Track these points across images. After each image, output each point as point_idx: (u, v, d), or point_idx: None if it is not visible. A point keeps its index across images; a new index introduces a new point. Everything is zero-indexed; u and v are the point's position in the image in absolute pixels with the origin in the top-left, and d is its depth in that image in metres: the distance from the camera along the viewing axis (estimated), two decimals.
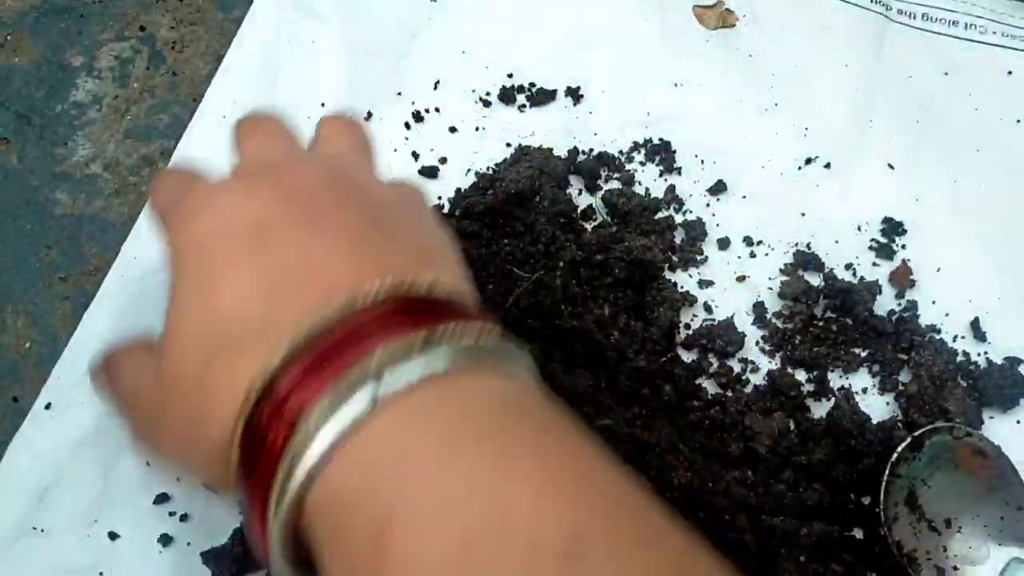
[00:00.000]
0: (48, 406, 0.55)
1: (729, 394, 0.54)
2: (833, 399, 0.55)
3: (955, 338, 0.58)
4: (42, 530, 0.51)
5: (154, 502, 0.52)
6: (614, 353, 0.52)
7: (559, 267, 0.55)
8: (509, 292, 0.53)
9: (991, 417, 0.54)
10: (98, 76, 0.75)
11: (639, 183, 0.64)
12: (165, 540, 0.51)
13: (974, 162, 0.64)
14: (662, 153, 0.65)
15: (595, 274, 0.56)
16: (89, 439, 0.54)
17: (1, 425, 0.55)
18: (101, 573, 0.50)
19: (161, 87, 0.73)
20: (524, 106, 0.69)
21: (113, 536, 0.51)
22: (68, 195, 0.68)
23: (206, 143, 0.67)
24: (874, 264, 0.61)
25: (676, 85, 0.69)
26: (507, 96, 0.69)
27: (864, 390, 0.56)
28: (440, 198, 0.64)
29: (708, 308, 0.59)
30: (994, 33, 0.70)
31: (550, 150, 0.64)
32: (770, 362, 0.57)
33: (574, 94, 0.69)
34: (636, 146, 0.66)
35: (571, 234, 0.59)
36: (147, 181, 0.67)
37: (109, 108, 0.73)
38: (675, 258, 0.61)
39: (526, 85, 0.69)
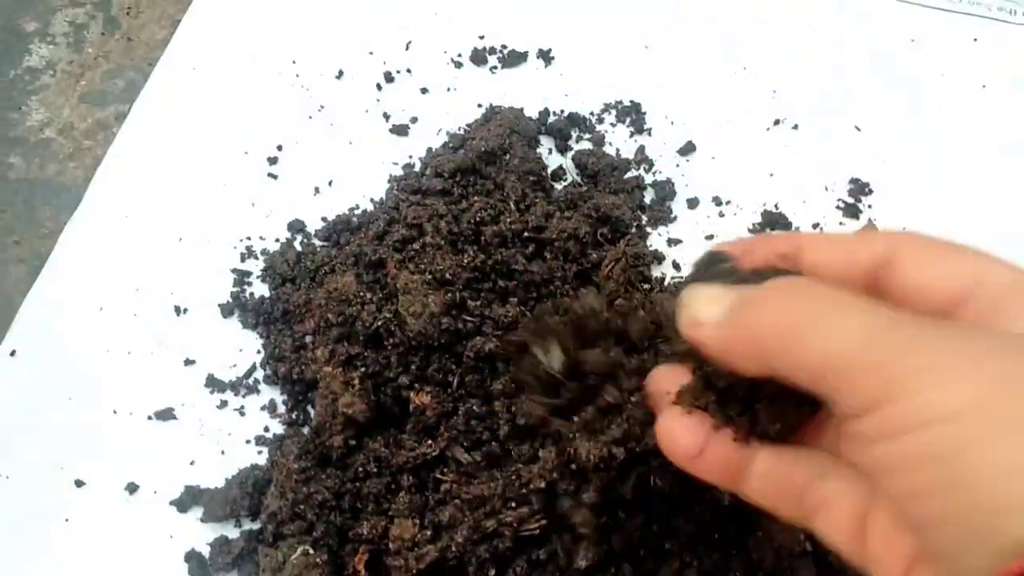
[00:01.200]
0: (13, 353, 0.54)
1: None
2: None
3: None
4: (7, 476, 0.50)
5: (120, 450, 0.51)
6: None
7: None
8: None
9: None
10: (52, 42, 0.73)
11: (609, 144, 0.64)
12: (132, 488, 0.50)
13: (940, 125, 0.65)
14: (632, 114, 0.65)
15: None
16: (54, 388, 0.53)
17: None
18: (67, 519, 0.49)
19: (116, 52, 0.72)
20: (495, 67, 0.68)
21: (79, 483, 0.50)
22: (22, 159, 0.66)
23: (162, 107, 0.65)
24: (840, 223, 0.61)
25: (646, 48, 0.68)
26: (478, 58, 0.68)
27: None
28: (411, 157, 0.63)
29: (677, 266, 0.59)
30: (960, 1, 0.71)
31: (521, 110, 0.63)
32: None
33: (545, 56, 0.68)
34: (607, 107, 0.66)
35: (540, 192, 0.59)
36: (102, 145, 0.65)
37: (63, 73, 0.70)
38: (644, 217, 0.61)
39: (497, 47, 0.69)
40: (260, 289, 0.58)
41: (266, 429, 0.53)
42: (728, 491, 0.32)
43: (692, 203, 0.62)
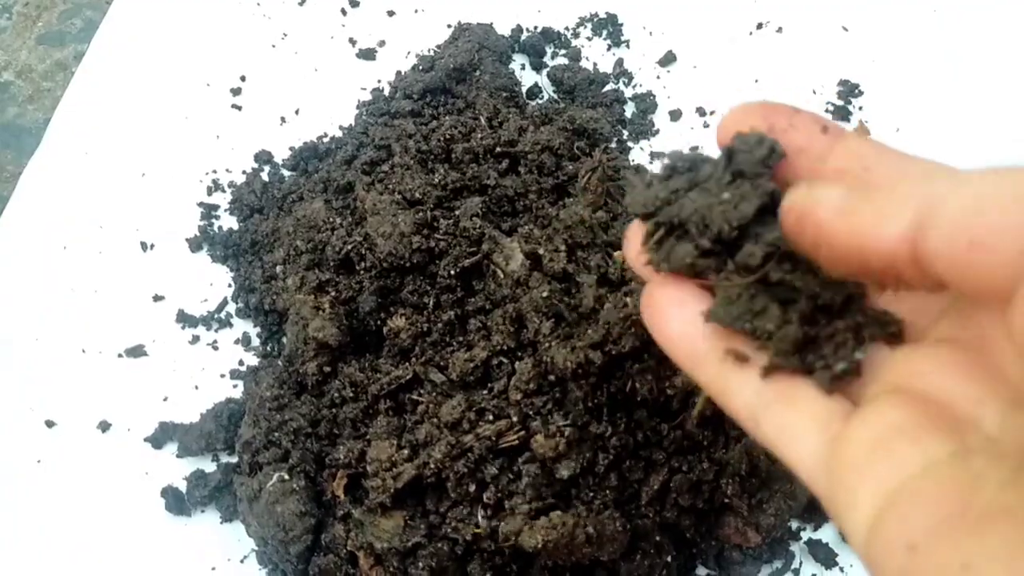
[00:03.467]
0: None
1: None
2: None
3: None
4: None
5: (91, 389, 0.49)
6: None
7: None
8: None
9: None
10: None
11: (586, 59, 0.61)
12: (104, 426, 0.48)
13: (931, 21, 0.62)
14: (609, 27, 0.62)
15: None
16: (20, 329, 0.51)
17: None
18: (39, 461, 0.47)
19: None
20: None
21: (49, 424, 0.48)
22: None
23: (120, 44, 0.63)
24: None
25: None
26: None
27: None
28: (380, 81, 0.61)
29: None
30: None
31: (490, 24, 0.60)
32: None
33: None
34: (582, 21, 0.63)
35: (514, 108, 0.56)
36: (61, 86, 0.63)
37: (20, 16, 0.68)
38: (625, 132, 0.58)
39: None
40: (228, 222, 0.56)
41: (240, 363, 0.51)
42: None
43: (675, 115, 0.59)
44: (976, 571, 0.17)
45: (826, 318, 0.23)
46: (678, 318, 0.25)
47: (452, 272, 0.48)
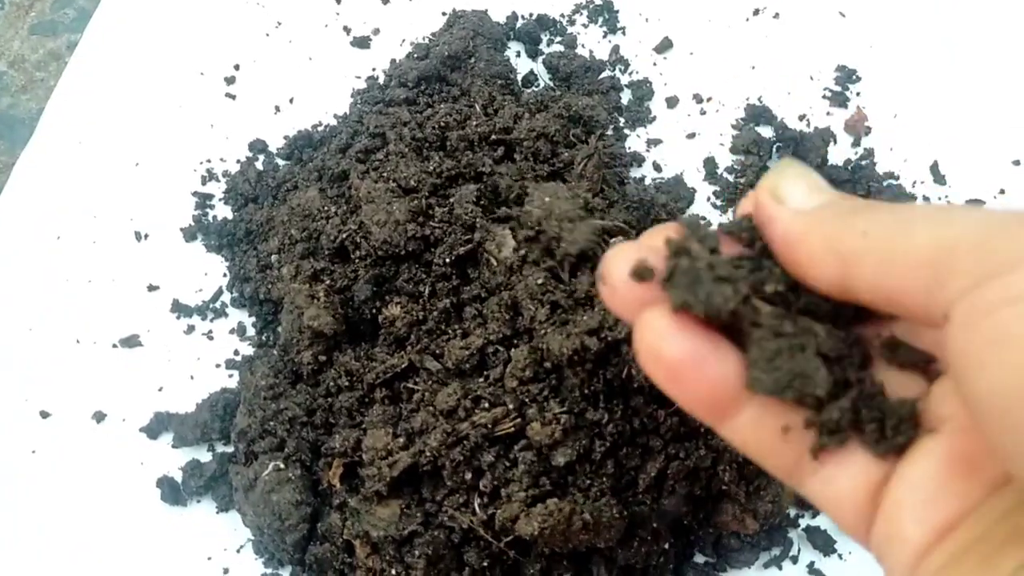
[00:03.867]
0: None
1: None
2: None
3: (914, 183, 0.56)
4: None
5: (86, 379, 0.49)
6: None
7: None
8: None
9: None
10: None
11: (582, 45, 0.61)
12: (99, 416, 0.48)
13: (928, 6, 0.61)
14: (604, 13, 0.62)
15: None
16: (14, 320, 0.51)
17: None
18: (33, 451, 0.47)
19: None
20: None
21: (44, 414, 0.48)
22: None
23: (113, 33, 0.62)
24: (828, 113, 0.58)
25: None
26: None
27: None
28: (374, 69, 0.60)
29: (657, 167, 0.57)
30: None
31: (485, 11, 0.60)
32: (721, 216, 0.55)
33: None
34: (577, 8, 0.62)
35: (509, 96, 0.56)
36: (55, 76, 0.62)
37: (12, 5, 0.68)
38: (622, 119, 0.58)
39: None
40: (223, 212, 0.56)
41: (236, 352, 0.51)
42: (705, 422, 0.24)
43: (671, 102, 0.59)
44: None
45: (873, 384, 0.22)
46: (701, 379, 0.21)
47: (447, 260, 0.48)
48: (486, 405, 0.42)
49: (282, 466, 0.44)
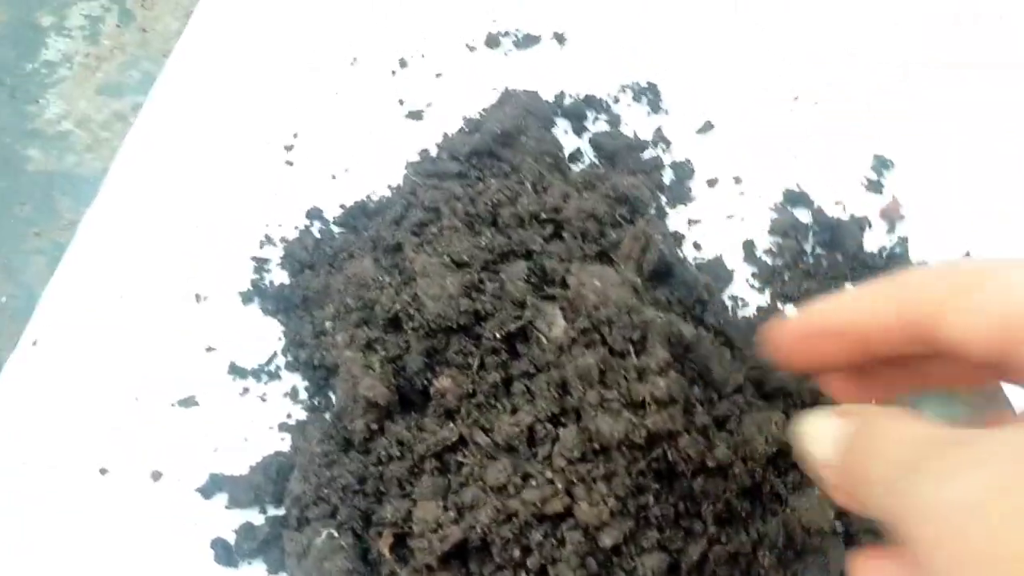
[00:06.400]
0: (35, 343, 0.54)
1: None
2: None
3: None
4: (28, 465, 0.50)
5: (144, 438, 0.51)
6: None
7: None
8: None
9: None
10: (68, 35, 0.73)
11: (626, 124, 0.64)
12: (156, 475, 0.50)
13: (966, 97, 0.64)
14: (649, 94, 0.64)
15: None
16: (75, 377, 0.53)
17: None
18: (91, 508, 0.49)
19: (131, 44, 0.72)
20: (509, 51, 0.67)
21: (103, 471, 0.50)
22: (41, 152, 0.67)
23: (177, 97, 0.65)
24: (864, 200, 0.60)
25: (662, 26, 0.68)
26: (492, 41, 0.67)
27: None
28: (427, 142, 0.63)
29: (697, 246, 0.59)
30: None
31: (536, 92, 0.63)
32: (760, 297, 0.56)
33: (559, 38, 0.68)
34: (623, 88, 0.65)
35: (557, 174, 0.58)
36: (119, 136, 0.65)
37: (80, 66, 0.71)
38: (663, 197, 0.60)
39: (511, 30, 0.68)
40: (279, 276, 0.58)
41: (288, 416, 0.53)
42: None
43: (711, 182, 0.61)
44: None
45: None
46: None
47: (497, 335, 0.49)
48: (535, 483, 0.44)
49: (335, 534, 0.46)
